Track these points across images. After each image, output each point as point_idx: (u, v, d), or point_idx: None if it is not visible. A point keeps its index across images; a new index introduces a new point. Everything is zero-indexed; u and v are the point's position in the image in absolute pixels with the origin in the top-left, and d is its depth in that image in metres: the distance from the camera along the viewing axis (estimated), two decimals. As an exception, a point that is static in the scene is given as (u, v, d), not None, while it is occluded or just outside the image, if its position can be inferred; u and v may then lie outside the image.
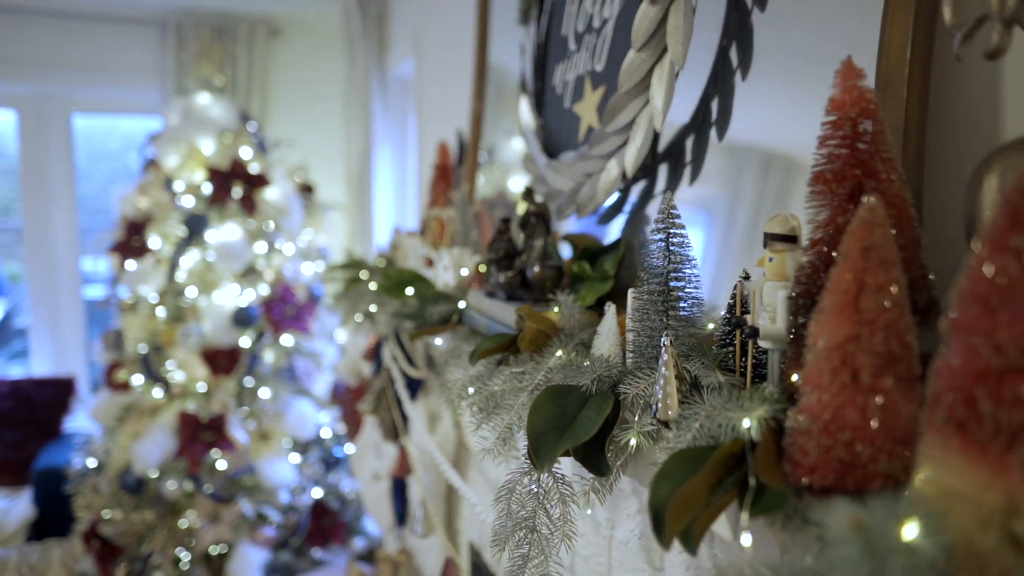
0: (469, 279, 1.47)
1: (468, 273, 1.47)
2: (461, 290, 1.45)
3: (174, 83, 3.82)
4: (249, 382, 2.95)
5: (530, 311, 0.96)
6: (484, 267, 1.30)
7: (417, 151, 3.13)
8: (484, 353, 0.98)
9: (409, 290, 1.50)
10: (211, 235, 2.92)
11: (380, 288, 1.59)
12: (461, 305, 1.32)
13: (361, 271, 2.06)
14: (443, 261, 1.52)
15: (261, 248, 3.03)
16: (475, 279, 1.46)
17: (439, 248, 1.65)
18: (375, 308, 1.62)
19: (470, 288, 1.44)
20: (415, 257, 1.83)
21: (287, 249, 3.12)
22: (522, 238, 1.23)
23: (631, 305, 0.79)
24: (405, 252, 1.94)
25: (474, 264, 1.47)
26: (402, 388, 1.73)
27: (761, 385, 0.65)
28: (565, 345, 0.89)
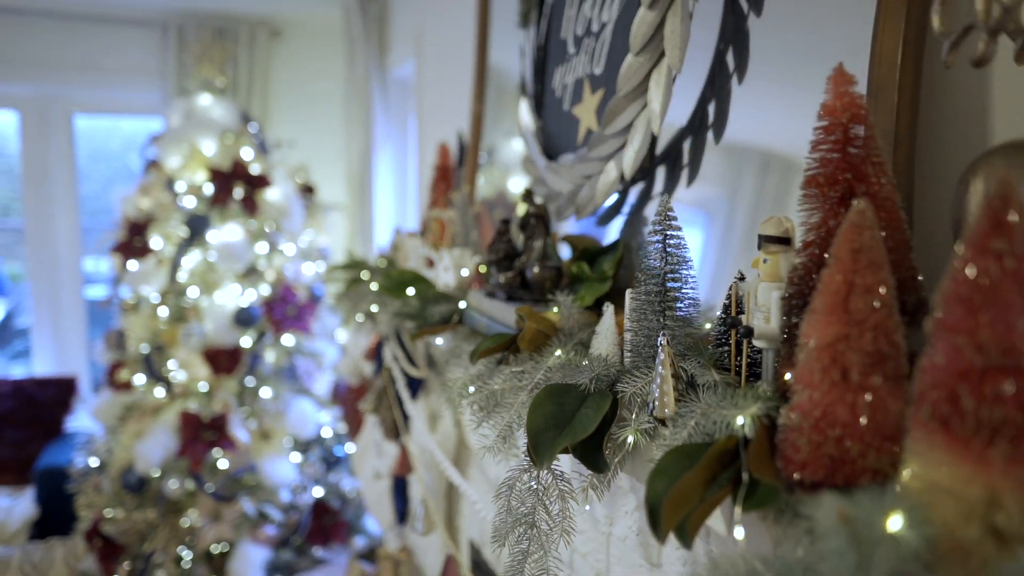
0: (469, 280, 1.48)
1: (468, 274, 1.48)
2: (461, 290, 1.46)
3: (175, 84, 3.83)
4: (250, 382, 2.96)
5: (530, 311, 0.97)
6: (484, 268, 1.31)
7: (417, 152, 3.14)
8: (484, 353, 0.99)
9: (410, 290, 1.51)
10: (212, 235, 2.93)
11: (381, 288, 1.60)
12: (462, 305, 1.33)
13: (362, 271, 2.07)
14: (444, 262, 1.53)
15: (262, 248, 3.04)
16: (475, 280, 1.47)
17: (440, 249, 1.66)
18: (376, 308, 1.63)
19: (470, 288, 1.44)
20: (416, 258, 1.84)
21: (288, 249, 3.13)
22: (522, 239, 1.24)
23: (629, 305, 0.80)
24: (406, 253, 1.95)
25: (474, 265, 1.48)
26: (403, 387, 1.74)
27: (756, 384, 0.66)
28: (564, 345, 0.90)
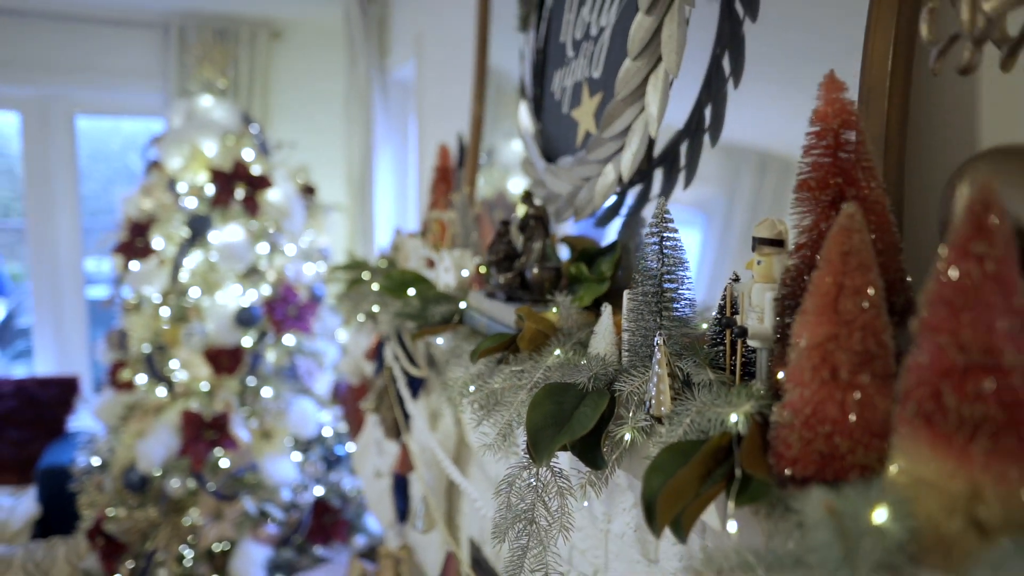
0: (470, 280, 1.50)
1: (469, 274, 1.50)
2: (462, 291, 1.47)
3: (176, 85, 3.84)
4: (252, 381, 2.97)
5: (529, 311, 0.99)
6: (484, 269, 1.33)
7: (418, 153, 3.15)
8: (485, 352, 1.00)
9: (411, 291, 1.52)
10: (214, 236, 2.95)
11: (383, 289, 1.62)
12: (462, 306, 1.34)
13: (363, 272, 2.08)
14: (444, 262, 1.55)
15: (263, 249, 3.05)
16: (475, 280, 1.49)
17: (440, 250, 1.68)
18: (377, 308, 1.65)
19: (471, 289, 1.46)
20: (416, 258, 1.85)
21: (289, 250, 3.14)
22: (521, 240, 1.25)
23: (626, 306, 0.82)
24: (407, 253, 1.96)
25: (474, 266, 1.49)
26: (404, 386, 1.76)
27: (750, 382, 0.68)
28: (563, 344, 0.91)
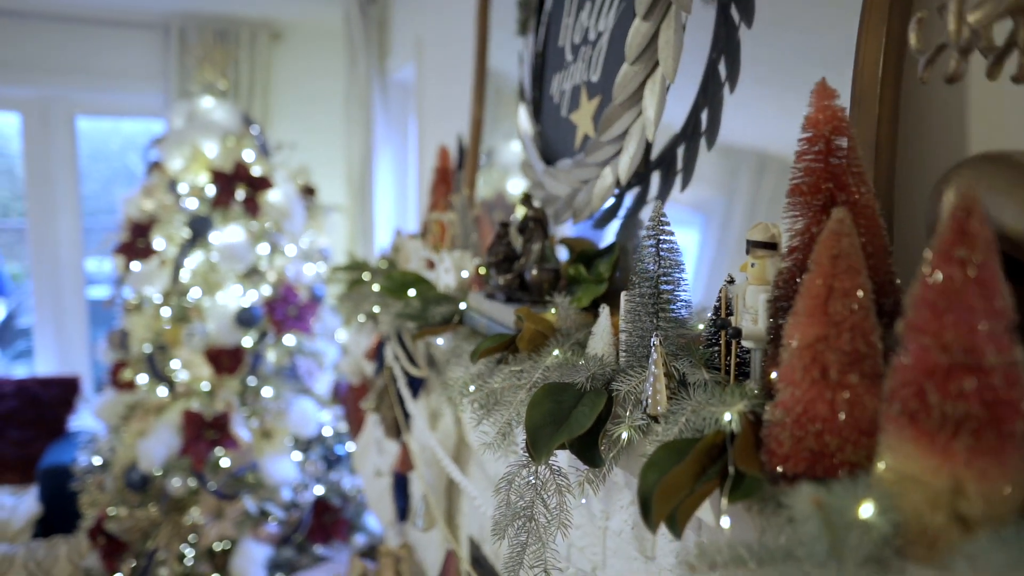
0: (469, 281, 1.51)
1: (468, 275, 1.51)
2: (462, 292, 1.48)
3: (177, 86, 3.86)
4: (252, 381, 2.98)
5: (528, 312, 1.00)
6: (484, 270, 1.34)
7: (417, 154, 3.17)
8: (484, 352, 1.01)
9: (411, 292, 1.53)
10: (215, 237, 2.96)
11: (383, 290, 1.63)
12: (462, 306, 1.35)
13: (364, 273, 2.10)
14: (444, 264, 1.56)
15: (264, 249, 3.06)
16: (475, 281, 1.50)
17: (440, 251, 1.69)
18: (378, 309, 1.66)
19: (470, 290, 1.47)
20: (416, 259, 1.86)
21: (289, 250, 3.15)
22: (521, 242, 1.27)
23: (624, 307, 0.83)
24: (407, 254, 1.98)
25: (474, 267, 1.51)
26: (404, 386, 1.77)
27: (744, 382, 0.69)
28: (561, 345, 0.93)
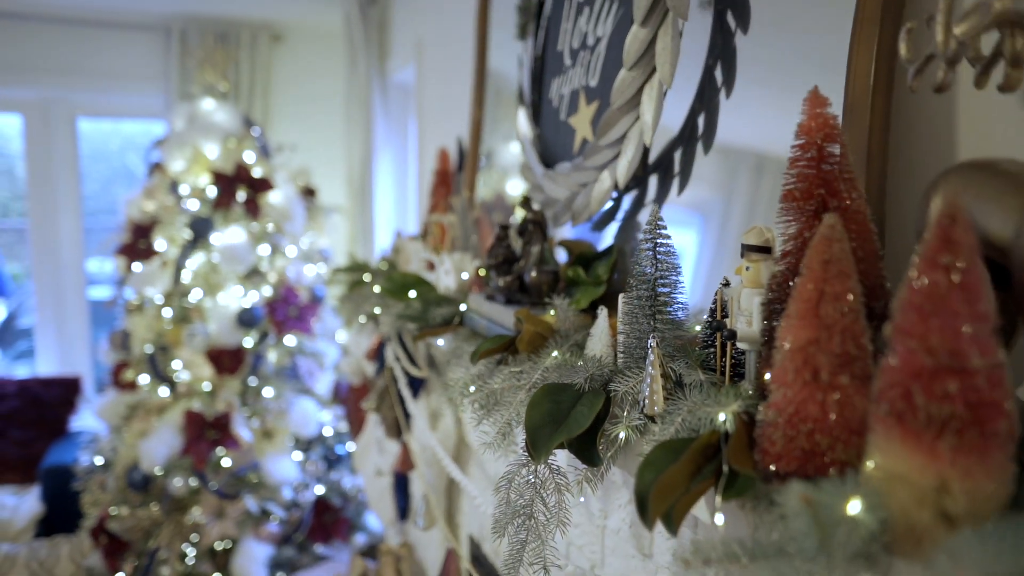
0: (469, 283, 1.52)
1: (468, 277, 1.52)
2: (462, 293, 1.49)
3: (178, 88, 3.87)
4: (253, 381, 3.00)
5: (528, 314, 1.02)
6: (484, 272, 1.35)
7: (417, 156, 3.18)
8: (484, 353, 1.02)
9: (412, 293, 1.55)
10: (216, 238, 2.97)
11: (384, 291, 1.64)
12: (462, 308, 1.37)
13: (364, 274, 2.11)
14: (444, 265, 1.57)
15: (264, 250, 3.08)
16: (475, 283, 1.51)
17: (440, 252, 1.70)
18: (379, 310, 1.67)
19: (471, 292, 1.49)
20: (417, 261, 1.88)
21: (290, 251, 3.17)
22: (520, 244, 1.28)
23: (621, 309, 0.84)
24: (407, 256, 1.99)
25: (474, 269, 1.52)
26: (405, 387, 1.79)
27: (739, 383, 0.71)
28: (560, 346, 0.94)
